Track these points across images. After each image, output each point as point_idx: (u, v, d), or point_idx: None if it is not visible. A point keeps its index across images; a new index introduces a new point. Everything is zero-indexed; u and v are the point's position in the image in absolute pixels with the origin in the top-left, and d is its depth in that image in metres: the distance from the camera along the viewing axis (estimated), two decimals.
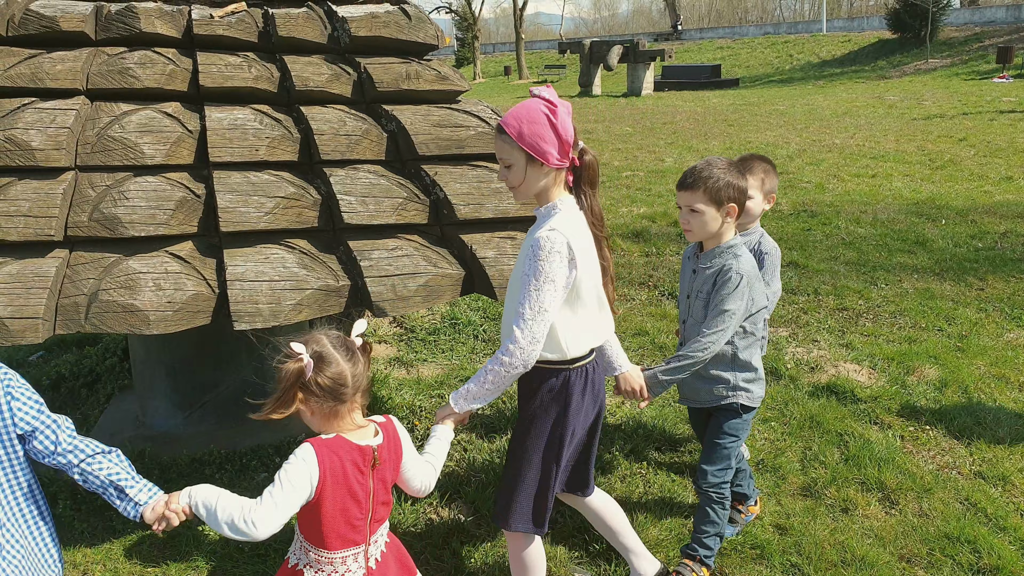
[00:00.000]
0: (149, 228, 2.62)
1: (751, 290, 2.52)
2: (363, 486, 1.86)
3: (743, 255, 2.54)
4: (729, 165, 2.48)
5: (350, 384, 1.84)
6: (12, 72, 2.91)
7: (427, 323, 5.49)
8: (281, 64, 3.28)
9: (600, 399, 2.37)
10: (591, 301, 2.21)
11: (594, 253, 2.22)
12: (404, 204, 2.92)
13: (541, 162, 2.08)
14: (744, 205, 2.53)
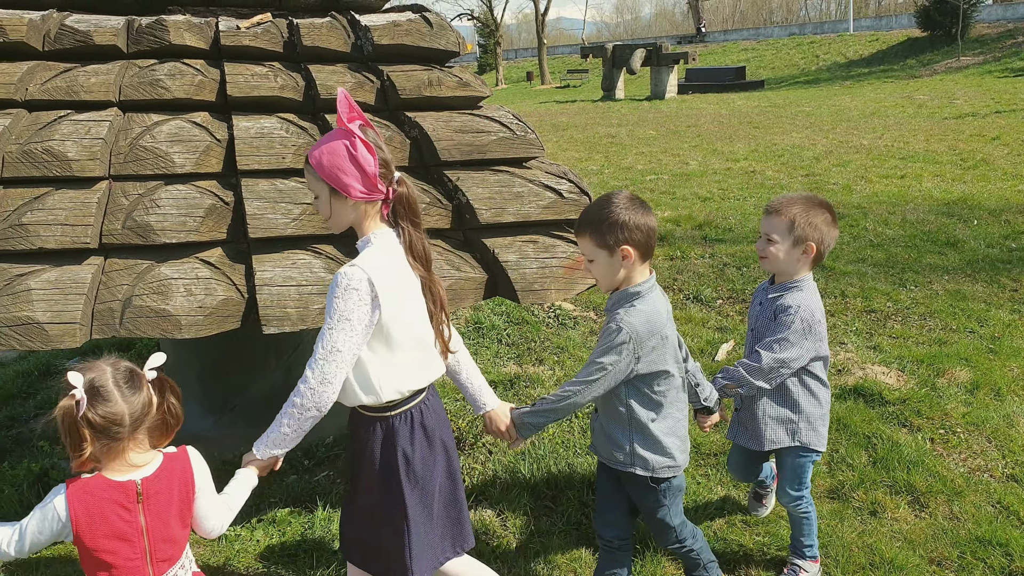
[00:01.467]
0: (180, 235, 2.69)
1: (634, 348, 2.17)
2: (131, 524, 1.76)
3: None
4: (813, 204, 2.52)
5: (127, 423, 1.73)
6: (49, 85, 3.00)
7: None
8: (306, 73, 3.34)
9: (446, 441, 2.21)
10: (408, 343, 2.07)
11: (414, 291, 2.10)
12: (427, 209, 2.96)
13: (344, 195, 2.01)
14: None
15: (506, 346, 5.20)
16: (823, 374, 2.65)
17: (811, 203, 2.49)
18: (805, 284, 2.54)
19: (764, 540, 3.01)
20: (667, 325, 2.23)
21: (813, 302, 2.51)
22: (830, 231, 2.49)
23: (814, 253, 2.47)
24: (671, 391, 2.28)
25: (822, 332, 2.54)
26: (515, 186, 3.05)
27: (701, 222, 8.19)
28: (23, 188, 2.74)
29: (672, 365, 2.26)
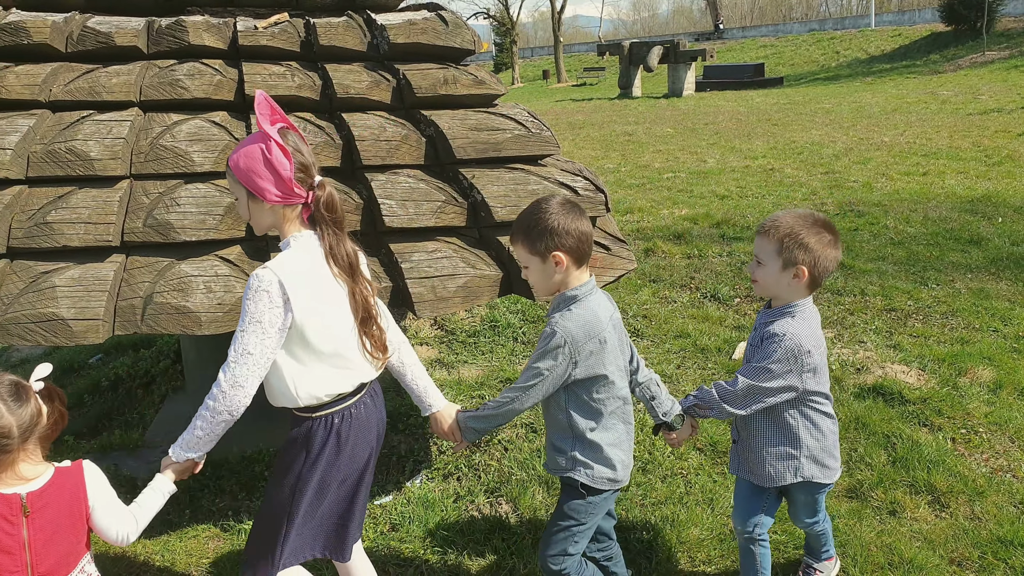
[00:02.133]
0: (199, 233, 2.72)
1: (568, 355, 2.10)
2: (13, 537, 1.77)
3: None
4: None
5: (15, 436, 1.75)
6: (71, 86, 3.05)
7: (467, 325, 5.54)
8: (323, 72, 3.37)
9: (358, 452, 2.17)
10: (326, 347, 2.03)
11: (334, 295, 2.06)
12: (443, 207, 2.97)
13: (260, 198, 1.99)
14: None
15: (521, 344, 5.21)
16: (826, 407, 2.41)
17: (805, 222, 2.23)
18: (799, 311, 2.28)
19: (781, 539, 3.00)
20: (607, 330, 2.14)
21: (804, 331, 2.25)
22: (827, 252, 2.22)
23: (806, 277, 2.22)
24: (611, 400, 2.19)
25: (814, 364, 2.27)
26: (530, 184, 3.06)
27: (719, 220, 8.15)
28: (47, 187, 2.79)
29: (613, 371, 2.17)
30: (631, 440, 2.28)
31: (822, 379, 2.33)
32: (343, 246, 2.07)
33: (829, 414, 2.43)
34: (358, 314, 2.09)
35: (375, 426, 2.23)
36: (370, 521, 3.18)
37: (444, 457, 3.68)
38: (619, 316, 2.25)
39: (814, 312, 2.33)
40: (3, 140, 2.77)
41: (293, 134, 2.02)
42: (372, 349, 2.14)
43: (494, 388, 4.46)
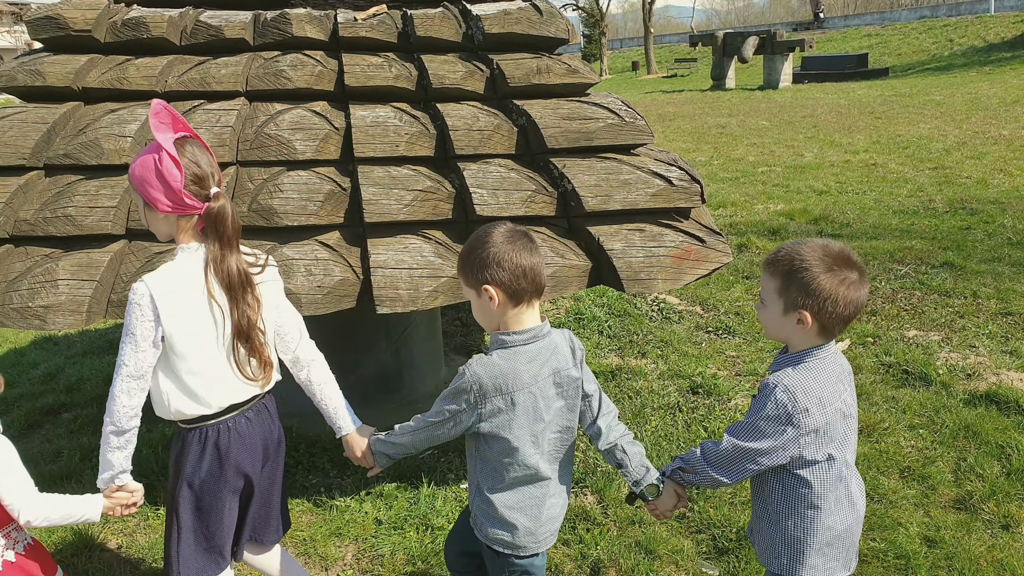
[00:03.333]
0: (301, 218, 2.82)
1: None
2: None
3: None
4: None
5: None
6: (185, 77, 3.21)
7: (552, 317, 5.54)
8: (419, 63, 3.42)
9: (243, 466, 2.11)
10: (198, 363, 1.98)
11: (212, 310, 1.98)
12: (533, 196, 2.98)
13: (153, 208, 1.96)
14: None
15: (607, 337, 5.17)
16: (836, 485, 1.84)
17: (818, 256, 1.77)
18: (811, 360, 1.83)
19: (880, 546, 2.87)
20: (523, 391, 1.85)
21: (805, 384, 1.78)
22: (843, 294, 1.75)
23: (810, 325, 1.78)
24: (516, 466, 1.92)
25: (815, 426, 1.78)
26: (622, 173, 3.02)
27: (816, 216, 7.85)
28: None
29: (521, 438, 1.89)
30: (549, 507, 1.98)
31: (833, 447, 1.82)
32: (227, 262, 1.98)
33: (843, 494, 1.86)
34: (237, 332, 2.01)
35: (260, 440, 2.15)
36: (456, 505, 3.23)
37: None
38: (573, 373, 1.93)
39: (834, 363, 1.85)
40: (124, 128, 2.95)
41: (193, 144, 1.98)
42: (250, 368, 2.06)
43: None
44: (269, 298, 2.12)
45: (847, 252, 1.79)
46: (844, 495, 1.85)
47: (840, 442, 1.83)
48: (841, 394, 1.83)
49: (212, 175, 1.99)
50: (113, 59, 3.31)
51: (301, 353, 2.22)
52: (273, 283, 2.16)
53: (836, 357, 1.86)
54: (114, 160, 2.90)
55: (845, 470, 1.84)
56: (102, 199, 2.80)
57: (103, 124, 2.97)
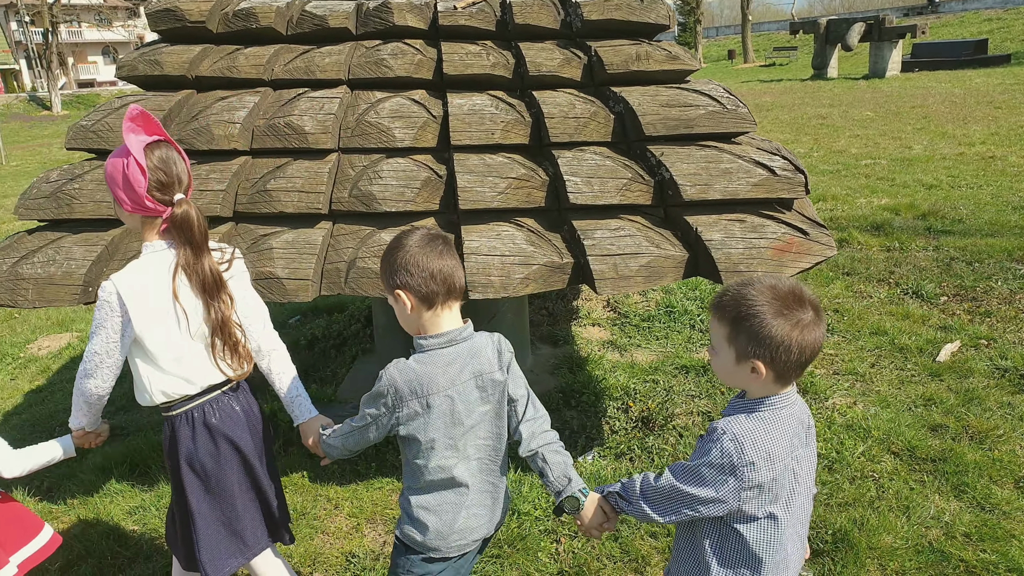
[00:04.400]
0: (398, 204, 2.88)
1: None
2: None
3: None
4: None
5: None
6: (290, 66, 3.32)
7: (641, 309, 5.47)
8: (516, 51, 3.43)
9: (235, 443, 2.17)
10: (165, 354, 2.07)
11: (176, 306, 2.05)
12: (628, 185, 2.94)
13: (120, 206, 2.04)
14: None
15: (699, 332, 5.06)
16: (772, 546, 1.65)
17: (765, 300, 1.59)
18: (763, 410, 1.64)
19: (991, 558, 2.71)
20: (440, 395, 1.84)
21: (758, 437, 1.60)
22: (800, 338, 1.57)
23: (764, 375, 1.61)
24: (432, 469, 1.90)
25: (759, 481, 1.59)
26: (723, 162, 2.95)
27: (925, 211, 7.44)
28: (268, 158, 3.07)
29: (438, 441, 1.87)
30: (466, 516, 1.94)
31: (778, 507, 1.64)
32: (200, 264, 2.07)
33: (780, 560, 1.66)
34: (213, 329, 2.11)
35: (243, 414, 2.22)
36: (542, 492, 3.24)
37: (617, 437, 3.67)
38: (498, 377, 1.90)
39: (792, 414, 1.66)
40: (233, 115, 3.07)
41: (165, 150, 2.04)
42: (226, 361, 2.15)
43: (669, 374, 4.37)
44: (236, 291, 2.19)
45: (798, 290, 1.61)
46: (781, 561, 1.66)
47: (785, 503, 1.64)
48: (794, 450, 1.64)
49: (179, 182, 2.05)
50: (224, 49, 3.45)
51: (263, 343, 2.27)
52: (240, 275, 2.23)
53: (794, 408, 1.67)
54: (223, 145, 3.03)
55: (786, 534, 1.65)
56: (212, 183, 2.93)
57: (213, 111, 3.11)
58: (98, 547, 3.09)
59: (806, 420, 1.70)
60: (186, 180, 2.08)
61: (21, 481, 3.54)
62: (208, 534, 2.17)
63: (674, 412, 3.86)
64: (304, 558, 2.92)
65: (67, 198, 2.94)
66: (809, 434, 1.70)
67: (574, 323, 5.25)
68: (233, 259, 2.20)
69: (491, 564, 2.83)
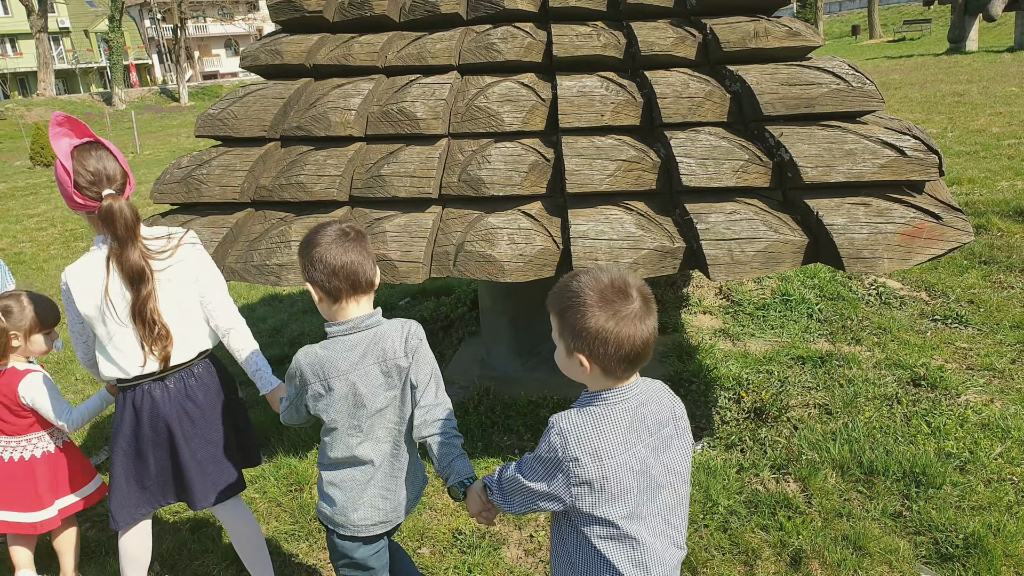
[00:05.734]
0: (506, 188, 2.89)
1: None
2: None
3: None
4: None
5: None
6: (403, 53, 3.38)
7: (756, 297, 5.27)
8: (627, 31, 3.35)
9: (158, 425, 2.36)
10: (104, 342, 2.29)
11: (105, 296, 2.22)
12: (745, 167, 2.82)
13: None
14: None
15: (817, 322, 4.83)
16: (619, 556, 1.56)
17: (587, 290, 1.52)
18: (596, 405, 1.57)
19: None
20: (340, 378, 1.92)
21: (584, 433, 1.52)
22: (618, 330, 1.49)
23: (590, 369, 1.54)
24: (338, 446, 2.00)
25: (588, 478, 1.51)
26: (847, 142, 2.78)
27: None
28: (381, 144, 3.15)
29: (340, 422, 1.97)
30: (371, 496, 2.01)
31: (620, 513, 1.54)
32: (125, 255, 2.21)
33: (630, 562, 1.56)
34: (135, 315, 2.25)
35: (177, 406, 2.37)
36: None
37: (727, 427, 3.56)
38: (402, 363, 1.95)
39: (630, 410, 1.56)
40: (348, 102, 3.16)
41: (92, 150, 2.20)
42: (150, 344, 2.29)
43: (784, 364, 4.20)
44: (183, 276, 2.32)
45: (624, 282, 1.53)
46: (642, 565, 1.55)
47: (635, 505, 1.53)
48: (632, 447, 1.53)
49: (107, 179, 2.20)
50: (340, 37, 3.56)
51: (220, 322, 2.42)
52: (188, 261, 2.35)
53: (633, 403, 1.56)
54: (339, 132, 3.13)
55: (643, 538, 1.54)
56: (329, 168, 3.03)
57: (330, 98, 3.21)
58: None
59: (664, 417, 1.61)
60: (119, 177, 2.23)
61: None
62: (120, 490, 2.44)
63: (789, 404, 3.70)
64: (412, 532, 3.00)
65: (196, 183, 3.12)
66: (669, 432, 1.61)
67: (684, 310, 5.13)
68: (180, 245, 2.33)
69: None
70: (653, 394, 1.62)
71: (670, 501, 1.60)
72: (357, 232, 1.97)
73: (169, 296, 2.30)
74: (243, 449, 2.57)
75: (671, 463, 1.60)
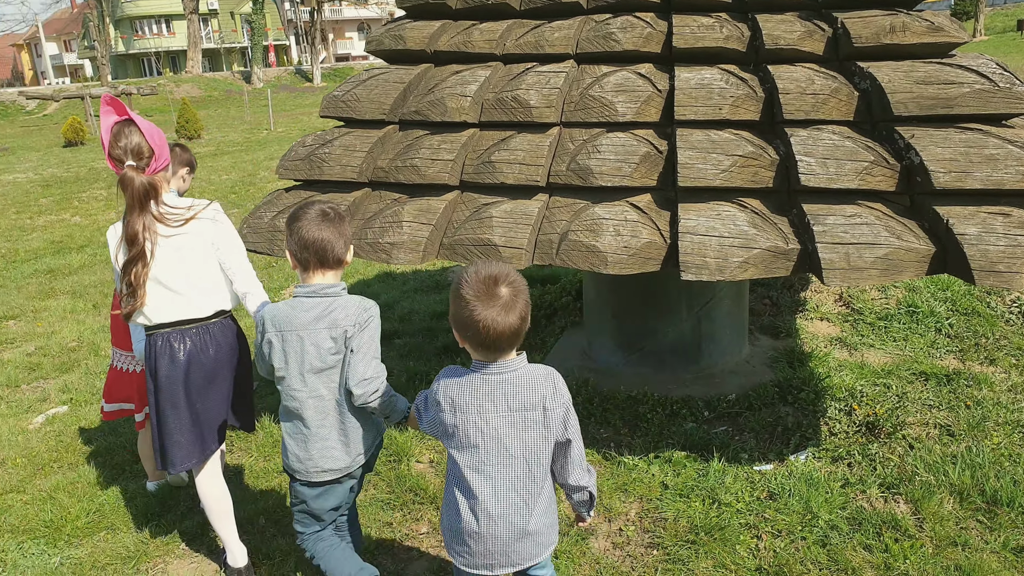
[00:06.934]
0: (614, 179, 2.86)
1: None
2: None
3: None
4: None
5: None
6: (521, 41, 3.41)
7: (878, 307, 4.99)
8: (752, 23, 3.24)
9: (172, 375, 2.58)
10: (133, 287, 2.51)
11: (118, 254, 2.55)
12: (869, 168, 2.68)
13: None
14: None
15: (946, 337, 4.52)
16: (451, 488, 2.03)
17: (467, 280, 1.88)
18: (471, 370, 2.03)
19: None
20: (291, 332, 2.23)
21: (448, 388, 1.98)
22: (482, 317, 1.84)
23: (463, 345, 1.96)
24: (286, 396, 2.31)
25: (447, 422, 1.99)
26: (988, 147, 2.58)
27: None
28: (494, 131, 3.19)
29: (285, 372, 2.27)
30: (320, 449, 2.30)
31: (460, 452, 1.94)
32: (128, 221, 2.50)
33: (458, 499, 1.97)
34: (124, 275, 2.52)
35: (185, 358, 2.60)
36: (747, 485, 3.10)
37: (835, 439, 3.40)
38: (349, 331, 2.21)
39: (494, 382, 1.90)
40: (465, 88, 3.22)
41: (125, 127, 2.49)
42: (122, 302, 2.56)
43: (904, 379, 3.96)
44: (193, 243, 2.56)
45: (496, 275, 1.84)
46: (460, 500, 1.95)
47: (469, 453, 1.92)
48: (482, 409, 1.90)
49: (132, 152, 2.48)
50: (461, 24, 3.62)
51: (238, 287, 2.66)
52: (202, 231, 2.58)
53: (502, 380, 1.90)
54: (455, 117, 3.19)
55: (468, 480, 1.93)
56: (443, 153, 3.10)
57: (448, 84, 3.28)
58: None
59: (530, 402, 1.89)
60: (145, 152, 2.49)
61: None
62: (170, 439, 2.65)
63: (905, 421, 3.50)
64: None
65: (319, 161, 3.27)
66: (535, 417, 1.90)
67: (799, 315, 4.93)
68: (194, 217, 2.57)
69: (685, 549, 2.78)
70: (529, 379, 1.91)
71: (522, 474, 1.92)
72: (337, 214, 2.26)
73: (173, 260, 2.55)
74: (238, 413, 2.80)
75: (530, 442, 1.92)
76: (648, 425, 3.61)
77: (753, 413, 3.68)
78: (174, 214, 2.56)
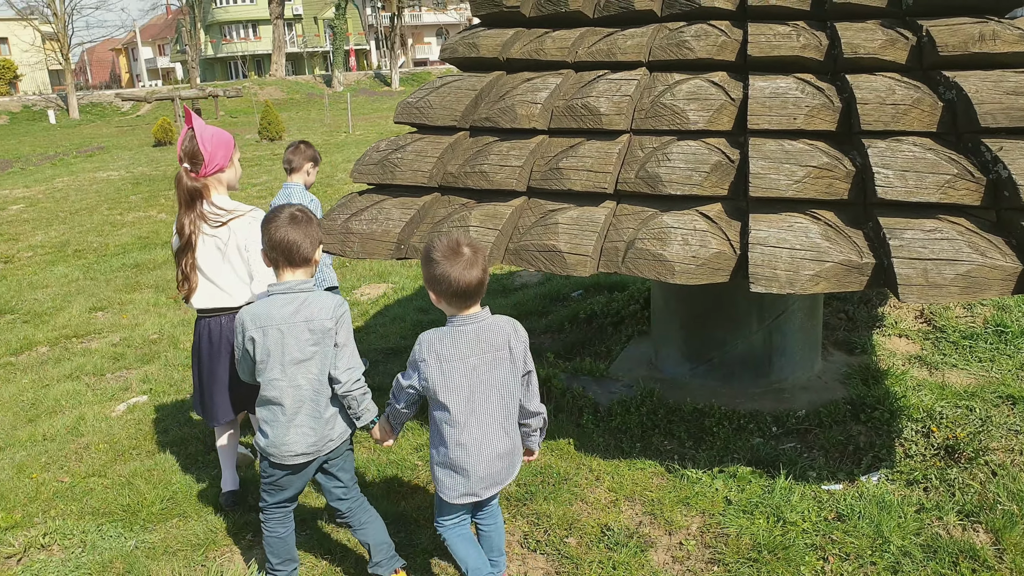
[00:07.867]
0: (684, 188, 2.83)
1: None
2: None
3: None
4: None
5: None
6: (593, 48, 3.41)
7: (963, 325, 4.77)
8: (831, 31, 3.16)
9: (210, 353, 3.11)
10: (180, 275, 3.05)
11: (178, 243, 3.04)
12: (952, 182, 2.57)
13: None
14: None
15: None
16: (447, 430, 2.37)
17: (436, 246, 2.33)
18: (448, 326, 2.40)
19: None
20: (270, 327, 2.43)
21: (433, 343, 2.36)
22: (446, 273, 2.28)
23: (438, 302, 2.38)
24: (266, 387, 2.48)
25: (432, 374, 2.36)
26: None
27: None
28: (563, 138, 3.20)
29: (266, 364, 2.46)
30: (295, 435, 2.48)
31: (452, 397, 2.30)
32: (179, 215, 2.98)
33: (451, 434, 2.34)
34: (177, 264, 3.05)
35: (221, 338, 3.09)
36: (814, 504, 3.02)
37: (911, 462, 3.28)
38: (327, 324, 2.44)
39: (472, 331, 2.31)
40: (535, 95, 3.25)
41: (189, 134, 2.96)
42: (179, 287, 3.07)
43: (989, 402, 3.78)
44: (230, 241, 2.98)
45: (459, 241, 2.27)
46: (466, 442, 2.31)
47: (455, 396, 2.29)
48: (469, 357, 2.29)
49: (188, 156, 2.95)
50: (534, 32, 3.65)
51: (254, 287, 3.03)
52: (238, 232, 2.99)
53: (476, 328, 2.31)
54: (524, 124, 3.22)
55: (457, 418, 2.30)
56: (511, 159, 3.13)
57: (519, 92, 3.31)
58: (384, 474, 3.52)
59: (498, 343, 2.32)
60: (200, 156, 2.94)
61: None
62: (212, 399, 3.20)
63: (989, 446, 3.34)
64: (561, 521, 3.06)
65: (391, 166, 3.34)
66: (503, 356, 2.32)
67: (877, 331, 4.76)
68: (235, 218, 2.99)
69: (747, 567, 2.72)
70: (495, 326, 2.34)
71: (500, 406, 2.35)
72: (306, 216, 2.49)
73: (214, 254, 3.01)
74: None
75: (503, 377, 2.34)
76: (713, 439, 3.56)
77: (823, 430, 3.57)
78: (215, 215, 2.98)
